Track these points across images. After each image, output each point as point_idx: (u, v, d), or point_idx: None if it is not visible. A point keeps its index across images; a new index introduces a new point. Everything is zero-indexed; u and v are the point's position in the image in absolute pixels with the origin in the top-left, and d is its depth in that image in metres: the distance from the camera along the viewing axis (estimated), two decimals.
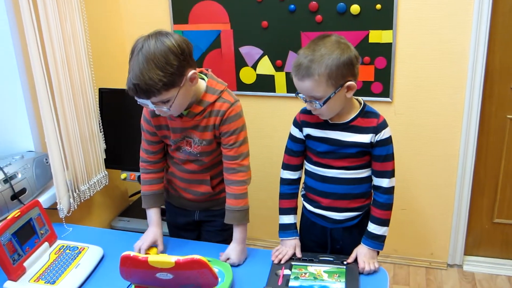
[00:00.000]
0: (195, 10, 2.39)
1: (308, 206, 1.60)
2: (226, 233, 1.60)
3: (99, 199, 2.35)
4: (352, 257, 1.47)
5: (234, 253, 1.50)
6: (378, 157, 1.45)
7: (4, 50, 1.77)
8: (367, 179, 1.51)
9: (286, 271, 1.43)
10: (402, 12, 2.14)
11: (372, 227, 1.49)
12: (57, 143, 1.83)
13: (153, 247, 1.55)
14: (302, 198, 1.64)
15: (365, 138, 1.43)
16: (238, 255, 1.50)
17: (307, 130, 1.50)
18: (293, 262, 1.48)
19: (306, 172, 1.58)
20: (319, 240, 1.62)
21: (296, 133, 1.54)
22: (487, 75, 2.20)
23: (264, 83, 2.43)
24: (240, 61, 2.42)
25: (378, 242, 1.48)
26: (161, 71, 1.30)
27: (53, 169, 1.81)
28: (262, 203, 2.47)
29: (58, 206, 1.84)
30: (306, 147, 1.54)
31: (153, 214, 1.62)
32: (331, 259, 1.47)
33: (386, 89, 2.27)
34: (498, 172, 2.38)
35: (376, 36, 2.19)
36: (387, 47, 2.20)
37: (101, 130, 2.15)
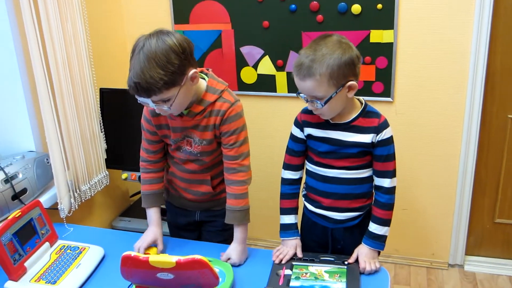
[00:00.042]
0: (196, 10, 2.39)
1: (309, 206, 1.60)
2: (227, 233, 1.60)
3: (100, 199, 2.35)
4: (353, 257, 1.47)
5: (235, 253, 1.50)
6: (379, 157, 1.45)
7: (5, 50, 1.77)
8: (368, 179, 1.51)
9: (287, 271, 1.43)
10: (403, 11, 2.14)
11: (373, 227, 1.49)
12: (58, 143, 1.84)
13: (153, 247, 1.55)
14: (303, 198, 1.64)
15: (366, 138, 1.43)
16: (239, 255, 1.49)
17: (308, 130, 1.50)
18: (294, 262, 1.47)
19: (307, 172, 1.58)
20: (320, 240, 1.61)
21: (297, 133, 1.54)
22: (488, 75, 2.20)
23: (265, 83, 2.42)
24: (241, 61, 2.42)
25: (379, 242, 1.48)
26: (162, 70, 1.30)
27: (54, 169, 1.81)
28: (263, 203, 2.47)
29: (59, 206, 1.84)
30: (307, 147, 1.54)
31: (153, 214, 1.62)
32: (332, 259, 1.47)
33: (387, 89, 2.27)
34: (500, 172, 2.38)
35: (377, 35, 2.19)
36: (388, 47, 2.20)
37: (102, 130, 2.15)
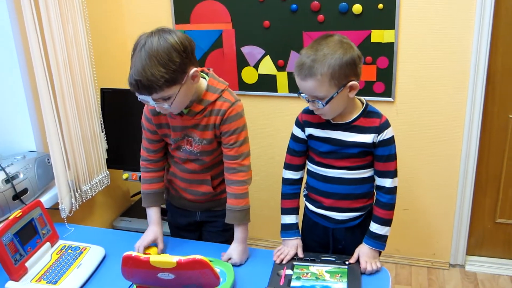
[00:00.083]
0: (197, 10, 2.39)
1: (310, 206, 1.60)
2: (228, 233, 1.60)
3: (101, 199, 2.35)
4: (354, 257, 1.46)
5: (235, 253, 1.49)
6: (381, 157, 1.45)
7: (6, 50, 1.77)
8: (370, 179, 1.51)
9: (288, 271, 1.42)
10: (404, 11, 2.13)
11: (374, 227, 1.49)
12: (59, 143, 1.84)
13: (154, 247, 1.55)
14: (304, 198, 1.63)
15: (367, 138, 1.43)
16: (240, 255, 1.49)
17: (309, 130, 1.50)
18: (295, 262, 1.47)
19: (308, 172, 1.58)
20: (321, 240, 1.61)
21: (298, 133, 1.54)
22: (489, 75, 2.19)
23: (266, 83, 2.42)
24: (242, 61, 2.42)
25: (380, 242, 1.48)
26: (163, 68, 1.30)
27: (55, 169, 1.81)
28: (264, 203, 2.47)
29: (60, 206, 1.84)
30: (308, 147, 1.54)
31: (153, 213, 1.62)
32: (333, 259, 1.47)
33: (388, 89, 2.27)
34: (501, 172, 2.38)
35: (378, 35, 2.19)
36: (389, 47, 2.19)
37: (102, 130, 2.15)
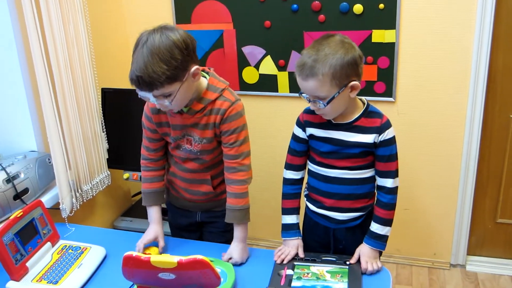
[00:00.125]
0: (198, 10, 2.39)
1: (311, 206, 1.60)
2: (229, 234, 1.60)
3: (102, 199, 2.35)
4: (354, 257, 1.46)
5: (236, 252, 1.50)
6: (382, 157, 1.45)
7: (7, 51, 1.77)
8: (371, 179, 1.51)
9: (289, 271, 1.42)
10: (405, 11, 2.13)
11: (375, 227, 1.49)
12: (59, 143, 1.84)
13: (154, 247, 1.55)
14: (305, 198, 1.63)
15: (368, 138, 1.43)
16: (240, 254, 1.49)
17: (310, 130, 1.50)
18: (295, 262, 1.47)
19: (309, 172, 1.58)
20: (322, 240, 1.61)
21: (299, 133, 1.53)
22: (490, 75, 2.19)
23: (266, 83, 2.42)
24: (242, 61, 2.42)
25: (380, 242, 1.48)
26: (165, 65, 1.31)
27: (55, 169, 1.81)
28: (265, 203, 2.47)
29: (61, 206, 1.84)
30: (309, 147, 1.54)
31: (153, 212, 1.62)
32: (334, 259, 1.47)
33: (389, 88, 2.26)
34: (501, 172, 2.37)
35: (379, 35, 2.18)
36: (390, 47, 2.19)
37: (103, 130, 2.15)
